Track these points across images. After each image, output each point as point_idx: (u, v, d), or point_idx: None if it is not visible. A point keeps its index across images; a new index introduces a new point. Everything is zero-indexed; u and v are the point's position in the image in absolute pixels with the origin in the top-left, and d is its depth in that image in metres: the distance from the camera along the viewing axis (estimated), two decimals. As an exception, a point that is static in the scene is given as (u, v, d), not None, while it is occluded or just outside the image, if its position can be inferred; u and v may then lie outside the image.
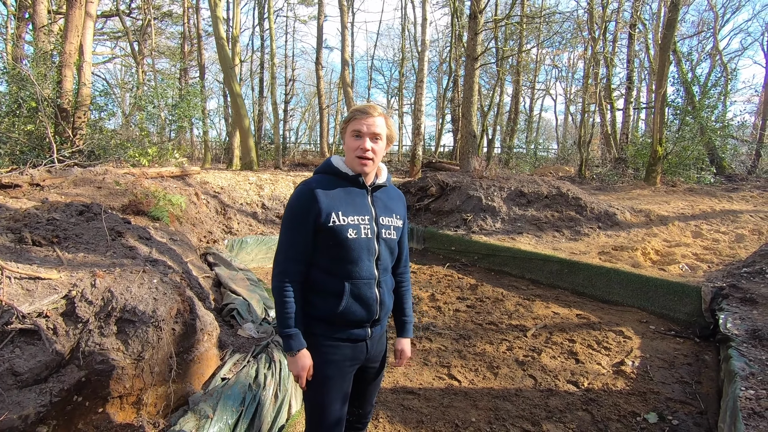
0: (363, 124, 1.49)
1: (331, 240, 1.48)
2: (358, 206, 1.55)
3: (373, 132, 1.50)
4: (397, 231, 1.65)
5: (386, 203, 1.65)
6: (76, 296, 1.91)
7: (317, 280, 1.53)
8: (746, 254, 5.51)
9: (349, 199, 1.54)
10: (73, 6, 6.83)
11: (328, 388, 1.54)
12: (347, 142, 1.54)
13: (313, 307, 1.53)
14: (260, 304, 3.33)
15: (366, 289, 1.53)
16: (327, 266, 1.52)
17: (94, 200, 4.43)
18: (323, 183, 1.53)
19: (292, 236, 1.50)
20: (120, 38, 21.83)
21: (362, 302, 1.53)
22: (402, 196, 1.77)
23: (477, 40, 9.95)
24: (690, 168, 12.86)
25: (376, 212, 1.59)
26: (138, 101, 8.93)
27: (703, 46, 25.73)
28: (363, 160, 1.50)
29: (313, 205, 1.47)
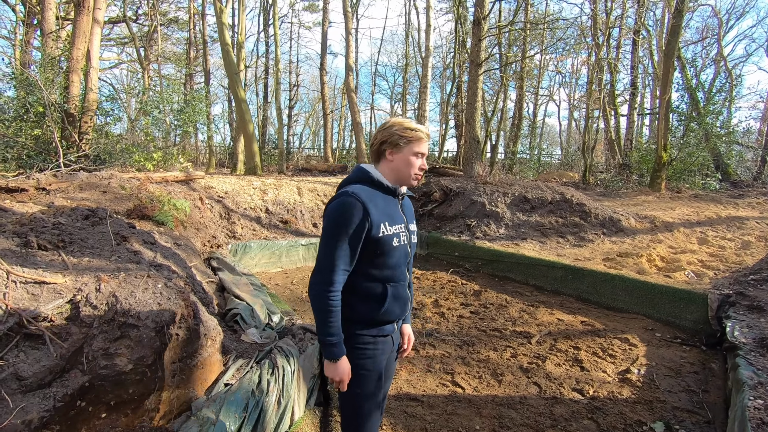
0: (424, 146, 1.64)
1: (379, 249, 1.56)
2: (396, 216, 1.64)
3: (424, 152, 1.65)
4: (415, 235, 1.78)
5: (410, 210, 1.79)
6: (81, 301, 1.91)
7: (360, 285, 1.59)
8: (753, 261, 5.46)
9: (388, 209, 1.62)
10: (81, 13, 6.91)
11: (370, 380, 1.61)
12: (407, 159, 1.62)
13: (355, 311, 1.59)
14: (263, 309, 3.33)
15: (402, 290, 1.67)
16: (371, 273, 1.59)
17: (100, 205, 4.45)
18: (368, 194, 1.57)
19: (341, 247, 1.51)
20: (127, 44, 22.08)
21: (400, 302, 1.66)
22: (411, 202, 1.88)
23: (480, 46, 9.98)
24: (695, 174, 12.80)
25: (406, 220, 1.71)
26: (144, 106, 8.99)
27: (708, 52, 25.69)
28: (419, 177, 1.66)
29: (365, 218, 1.51)
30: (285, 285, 5.82)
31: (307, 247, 6.98)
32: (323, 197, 8.68)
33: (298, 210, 7.95)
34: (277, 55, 16.05)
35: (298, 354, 2.68)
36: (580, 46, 19.53)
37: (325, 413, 2.78)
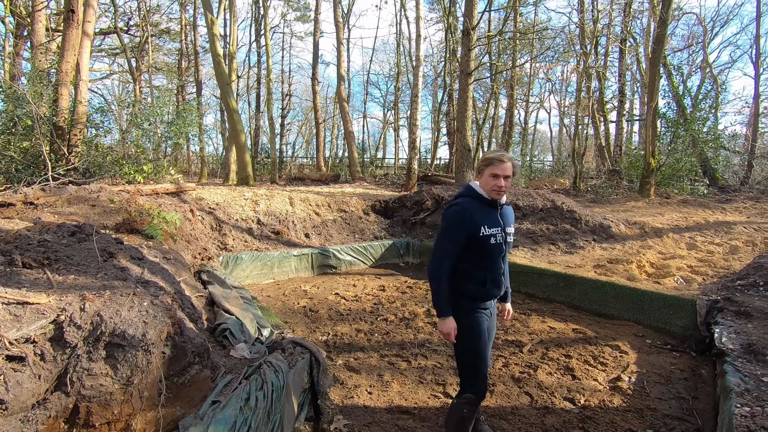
0: (499, 168, 2.18)
1: (479, 245, 2.19)
2: (494, 221, 2.24)
3: (506, 174, 2.18)
4: (511, 237, 2.36)
5: (508, 217, 2.36)
6: (65, 321, 1.89)
7: (468, 271, 2.24)
8: (740, 266, 5.53)
9: (486, 215, 2.22)
10: (70, 26, 6.91)
11: (479, 334, 2.25)
12: (486, 179, 2.23)
13: (467, 288, 2.25)
14: (253, 323, 3.31)
15: (498, 277, 2.30)
16: (475, 262, 2.24)
17: (88, 219, 4.41)
18: (472, 204, 2.23)
19: (450, 242, 2.18)
20: (118, 55, 22.05)
21: (496, 285, 2.29)
22: (511, 208, 2.45)
23: (470, 56, 10.10)
24: (683, 179, 12.98)
25: (504, 224, 2.29)
26: (134, 118, 8.97)
27: (694, 59, 26.19)
28: (498, 192, 2.21)
29: (468, 220, 2.17)
30: (277, 297, 5.79)
31: (299, 257, 6.96)
32: (315, 207, 8.67)
33: (290, 220, 7.94)
34: (268, 65, 16.11)
35: (288, 369, 2.66)
36: (569, 55, 19.82)
37: (315, 428, 2.75)
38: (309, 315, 5.04)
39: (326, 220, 8.43)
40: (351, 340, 4.27)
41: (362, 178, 17.59)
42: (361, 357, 3.88)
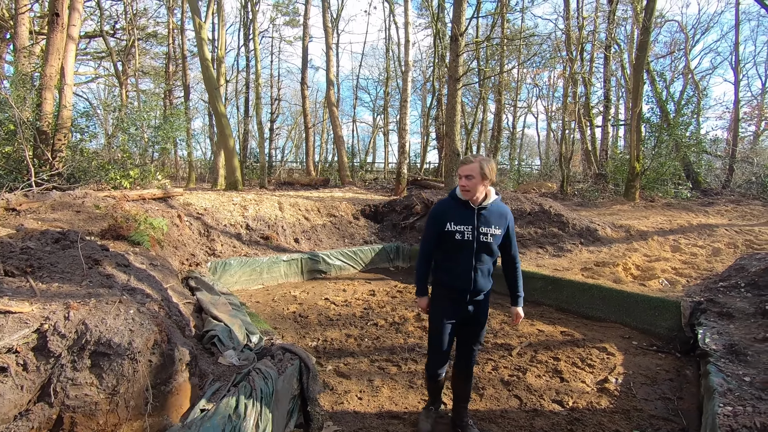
0: (461, 169, 2.43)
1: (446, 240, 2.47)
2: (464, 219, 2.45)
3: (466, 174, 2.40)
4: (495, 237, 2.48)
5: (488, 218, 2.47)
6: (49, 330, 1.86)
7: (439, 262, 2.59)
8: (723, 268, 5.65)
9: (458, 214, 2.46)
10: (55, 30, 6.81)
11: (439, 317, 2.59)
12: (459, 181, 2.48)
13: (437, 276, 2.62)
14: (242, 330, 3.28)
15: (462, 271, 2.49)
16: (445, 255, 2.53)
17: (73, 225, 4.34)
18: (448, 204, 2.53)
19: (426, 236, 2.59)
20: (104, 58, 21.77)
21: (460, 279, 2.50)
22: (503, 212, 2.54)
23: (459, 61, 10.20)
24: (667, 183, 13.23)
25: (478, 223, 2.45)
26: (120, 123, 8.86)
27: (676, 65, 26.84)
28: (463, 191, 2.44)
29: (439, 218, 2.50)
30: (266, 302, 5.74)
31: (288, 263, 6.92)
32: (305, 212, 8.65)
33: (279, 225, 7.90)
34: (257, 70, 16.06)
35: (277, 375, 2.64)
36: (556, 60, 20.13)
37: (305, 435, 2.73)
38: (299, 320, 5.01)
39: (316, 225, 8.41)
40: (341, 346, 4.26)
41: (352, 182, 17.59)
42: (351, 362, 3.87)
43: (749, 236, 7.52)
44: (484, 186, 2.44)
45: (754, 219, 9.50)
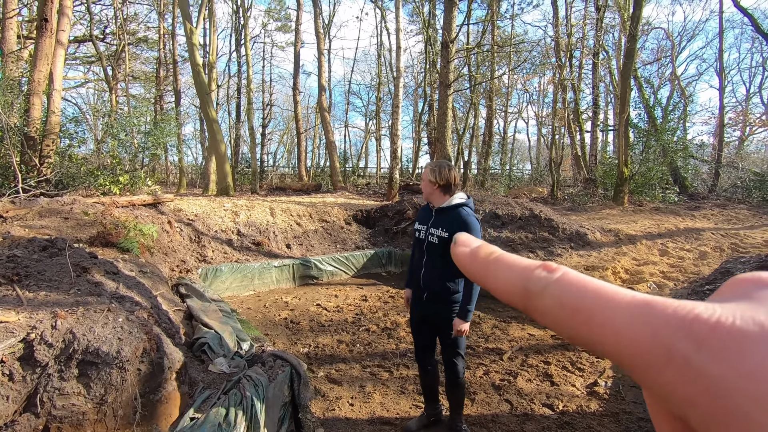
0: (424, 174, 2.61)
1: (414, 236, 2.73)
2: (425, 219, 2.65)
3: (423, 179, 2.62)
4: (440, 239, 2.50)
5: (440, 220, 2.55)
6: (35, 339, 1.84)
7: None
8: (709, 271, 5.74)
9: (424, 215, 2.67)
10: (44, 35, 6.76)
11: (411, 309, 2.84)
12: None
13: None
14: (233, 337, 3.26)
15: (416, 268, 2.69)
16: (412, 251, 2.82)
17: (61, 232, 4.29)
18: (426, 206, 2.71)
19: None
20: (93, 63, 21.59)
21: (414, 276, 2.72)
22: (460, 217, 2.50)
23: (449, 68, 10.30)
24: (655, 187, 13.42)
25: (429, 224, 2.59)
26: (110, 128, 8.78)
27: (663, 72, 27.31)
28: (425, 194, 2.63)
29: (418, 217, 2.74)
30: (257, 309, 5.71)
31: (280, 269, 6.90)
32: (297, 218, 8.63)
33: (270, 231, 7.87)
34: (249, 75, 16.04)
35: (268, 383, 2.63)
36: (545, 67, 20.41)
37: (296, 442, 2.72)
38: (290, 327, 5.00)
39: (308, 231, 8.40)
40: (333, 352, 4.25)
41: (344, 187, 17.59)
42: (343, 368, 3.87)
43: (735, 240, 7.66)
44: (438, 189, 2.54)
45: (739, 223, 9.67)
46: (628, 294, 0.20)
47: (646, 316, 0.19)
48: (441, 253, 2.52)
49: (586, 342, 0.20)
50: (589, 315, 0.20)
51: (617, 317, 0.19)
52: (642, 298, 0.20)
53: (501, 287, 0.25)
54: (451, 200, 2.53)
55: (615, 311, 0.19)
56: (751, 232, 8.33)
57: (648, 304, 0.19)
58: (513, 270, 0.25)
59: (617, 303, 0.20)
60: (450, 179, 2.54)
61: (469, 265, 0.28)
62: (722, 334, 0.17)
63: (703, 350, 0.17)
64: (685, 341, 0.17)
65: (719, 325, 0.17)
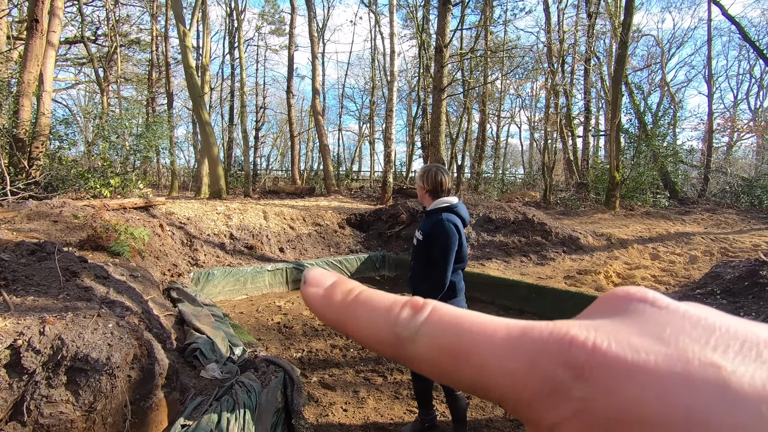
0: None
1: None
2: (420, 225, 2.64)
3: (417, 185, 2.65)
4: (418, 242, 2.54)
5: (423, 223, 2.58)
6: (22, 345, 1.80)
7: None
8: (699, 275, 5.81)
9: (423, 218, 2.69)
10: (34, 35, 6.69)
11: None
12: None
13: None
14: (225, 342, 3.23)
15: (410, 272, 2.68)
16: None
17: (50, 236, 4.23)
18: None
19: None
20: (84, 64, 21.40)
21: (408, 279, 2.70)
22: (436, 220, 2.46)
23: (443, 72, 10.35)
24: (646, 192, 13.58)
25: (420, 229, 2.58)
26: (101, 130, 8.69)
27: (653, 78, 27.72)
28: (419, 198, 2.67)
29: None
30: (250, 313, 5.67)
31: (273, 272, 6.85)
32: (290, 221, 8.59)
33: (263, 235, 7.83)
34: (242, 78, 16.00)
35: (261, 388, 2.60)
36: (538, 72, 20.60)
37: (289, 449, 2.69)
38: (283, 331, 4.96)
39: (301, 234, 8.36)
40: (326, 357, 4.22)
41: (337, 191, 17.57)
42: (337, 373, 3.84)
43: (724, 244, 7.76)
44: (427, 194, 2.56)
45: (728, 227, 9.80)
46: (503, 324, 0.19)
47: (522, 346, 0.18)
48: (419, 256, 2.54)
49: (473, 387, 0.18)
50: (467, 355, 0.18)
51: (495, 352, 0.18)
52: (519, 326, 0.19)
53: (366, 335, 0.21)
54: (436, 204, 2.53)
55: (493, 346, 0.18)
56: (740, 236, 8.44)
57: (524, 331, 0.18)
58: (376, 312, 0.21)
59: (493, 336, 0.18)
60: (437, 183, 2.53)
61: (324, 310, 0.23)
62: (599, 361, 0.16)
63: (583, 379, 0.16)
64: (564, 370, 0.16)
65: (596, 351, 0.16)
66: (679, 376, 0.15)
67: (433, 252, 2.47)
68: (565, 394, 0.16)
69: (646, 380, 0.15)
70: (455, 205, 2.51)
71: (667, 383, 0.15)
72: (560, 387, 0.16)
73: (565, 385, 0.16)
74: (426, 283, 2.51)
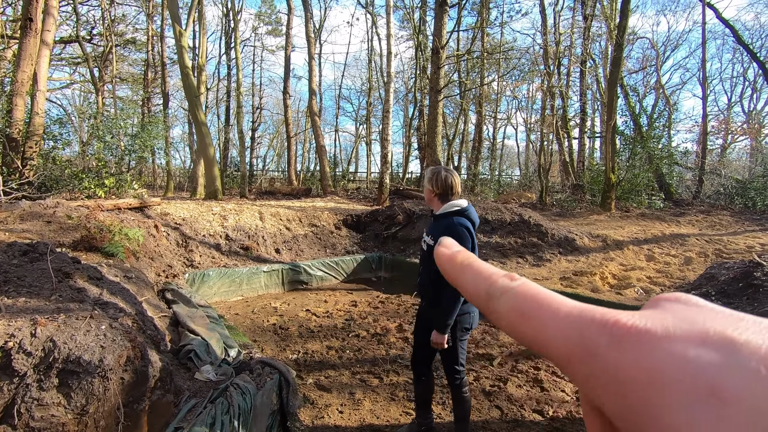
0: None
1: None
2: (428, 226, 2.63)
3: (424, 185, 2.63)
4: (428, 247, 2.51)
5: (432, 227, 2.55)
6: (13, 347, 1.77)
7: None
8: (694, 276, 5.83)
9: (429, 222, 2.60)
10: (28, 35, 6.63)
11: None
12: None
13: None
14: (220, 344, 3.20)
15: (419, 278, 2.63)
16: None
17: (43, 236, 4.19)
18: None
19: None
20: (79, 64, 21.25)
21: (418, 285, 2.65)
22: (448, 224, 2.42)
23: (440, 73, 10.37)
24: (641, 194, 13.65)
25: (427, 231, 2.60)
26: (95, 131, 8.63)
27: (648, 80, 27.88)
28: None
29: None
30: (245, 314, 5.64)
31: (269, 273, 6.82)
32: (286, 222, 8.56)
33: (259, 236, 7.79)
34: (239, 78, 15.95)
35: (256, 390, 2.58)
36: (534, 74, 20.67)
37: (284, 452, 2.67)
38: (279, 333, 4.93)
39: (297, 235, 8.33)
40: (322, 358, 4.20)
41: (334, 192, 17.53)
42: (332, 375, 3.82)
43: (719, 245, 7.80)
44: (436, 197, 2.52)
45: (722, 229, 9.86)
46: (569, 303, 0.23)
47: (577, 321, 0.22)
48: (430, 261, 2.48)
49: (531, 341, 0.23)
50: (533, 319, 0.23)
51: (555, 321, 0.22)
52: (578, 307, 0.23)
53: (469, 289, 0.28)
54: (446, 208, 2.48)
55: (554, 316, 0.23)
56: (734, 238, 8.50)
57: (581, 311, 0.22)
58: (481, 275, 0.28)
59: (557, 310, 0.23)
60: (447, 186, 2.49)
61: (447, 265, 0.31)
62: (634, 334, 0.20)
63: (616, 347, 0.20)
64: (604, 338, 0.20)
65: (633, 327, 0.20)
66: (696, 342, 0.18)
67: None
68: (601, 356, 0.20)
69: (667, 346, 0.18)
70: (466, 209, 2.47)
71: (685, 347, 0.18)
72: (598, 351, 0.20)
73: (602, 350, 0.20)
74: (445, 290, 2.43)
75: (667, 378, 0.17)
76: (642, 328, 0.20)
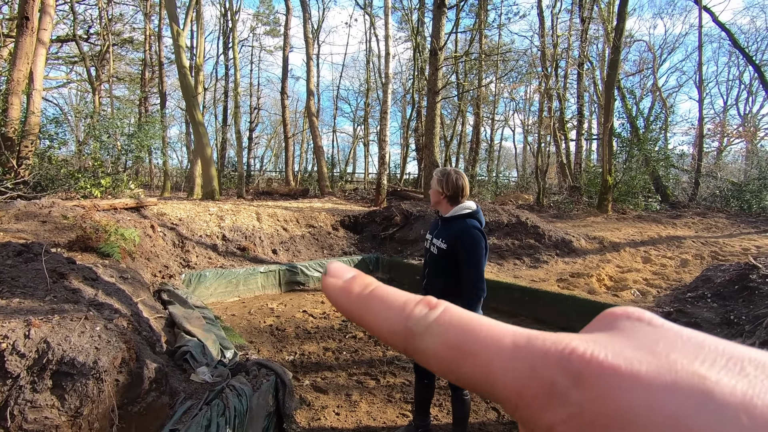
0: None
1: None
2: (433, 229, 2.61)
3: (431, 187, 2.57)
4: (440, 250, 2.45)
5: (442, 230, 2.49)
6: (7, 349, 1.76)
7: None
8: (690, 278, 5.85)
9: (433, 223, 2.66)
10: (24, 33, 6.60)
11: None
12: None
13: None
14: (216, 345, 3.19)
15: (424, 278, 2.64)
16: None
17: (38, 236, 4.16)
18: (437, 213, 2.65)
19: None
20: (76, 63, 21.17)
21: (423, 286, 2.63)
22: (462, 228, 2.39)
23: (438, 75, 10.38)
24: (638, 196, 13.70)
25: (434, 234, 2.55)
26: (92, 130, 8.59)
27: (645, 83, 28.04)
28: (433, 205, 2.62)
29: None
30: (242, 315, 5.61)
31: (266, 274, 6.80)
32: (283, 223, 8.54)
33: (257, 236, 7.77)
34: (236, 79, 15.92)
35: (252, 392, 2.57)
36: (531, 76, 20.74)
37: (280, 454, 2.66)
38: (275, 334, 4.92)
39: (294, 236, 8.32)
40: (318, 359, 4.19)
41: (331, 192, 17.52)
42: (329, 376, 3.81)
43: (714, 248, 7.83)
44: (445, 199, 2.48)
45: (718, 231, 9.91)
46: (510, 330, 0.20)
47: (526, 354, 0.19)
48: (440, 265, 2.46)
49: (473, 383, 0.20)
50: (472, 355, 0.20)
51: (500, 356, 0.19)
52: (524, 334, 0.20)
53: (381, 326, 0.23)
54: (457, 210, 2.45)
55: (499, 350, 0.20)
56: (730, 240, 8.54)
57: (528, 339, 0.20)
58: (392, 306, 0.23)
59: (500, 340, 0.20)
60: (458, 189, 2.45)
61: (343, 300, 0.25)
62: (596, 370, 0.17)
63: (580, 386, 0.17)
64: (563, 376, 0.18)
65: (593, 360, 0.18)
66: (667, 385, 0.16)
67: (463, 261, 2.38)
68: (562, 397, 0.17)
69: (636, 388, 0.17)
70: (476, 211, 2.46)
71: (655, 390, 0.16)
72: (558, 391, 0.18)
73: (563, 389, 0.18)
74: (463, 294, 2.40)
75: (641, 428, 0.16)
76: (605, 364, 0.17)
